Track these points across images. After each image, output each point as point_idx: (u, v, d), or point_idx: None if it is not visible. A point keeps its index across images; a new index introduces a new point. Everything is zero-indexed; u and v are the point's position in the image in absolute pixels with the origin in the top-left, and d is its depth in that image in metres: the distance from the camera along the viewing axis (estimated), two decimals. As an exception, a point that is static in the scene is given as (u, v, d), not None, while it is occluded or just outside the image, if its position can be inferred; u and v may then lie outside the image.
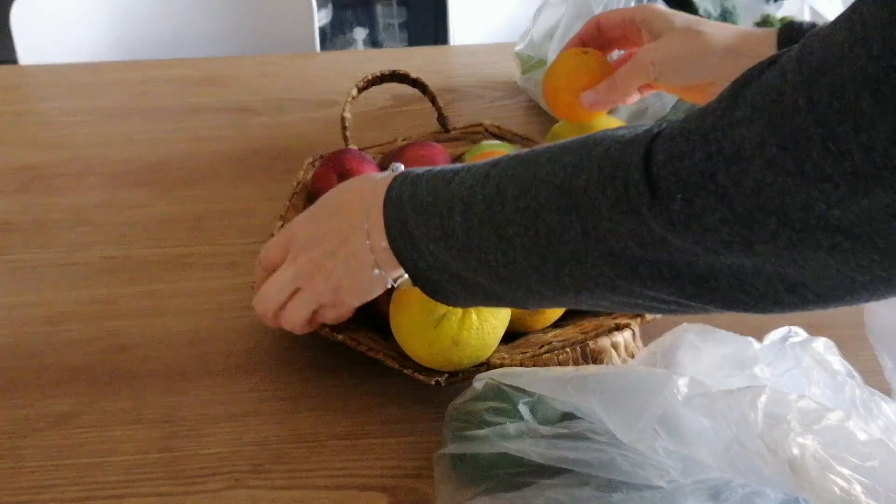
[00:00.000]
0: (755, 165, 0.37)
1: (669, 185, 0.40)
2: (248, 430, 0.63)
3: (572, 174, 0.44)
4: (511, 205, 0.47)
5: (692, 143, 0.39)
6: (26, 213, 0.87)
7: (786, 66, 0.37)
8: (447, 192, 0.50)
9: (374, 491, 0.59)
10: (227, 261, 0.79)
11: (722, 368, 0.56)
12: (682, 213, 0.39)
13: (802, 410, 0.48)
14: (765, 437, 0.47)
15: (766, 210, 0.37)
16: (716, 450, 0.49)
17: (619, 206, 0.42)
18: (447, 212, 0.49)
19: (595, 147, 0.44)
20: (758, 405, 0.48)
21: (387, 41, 2.27)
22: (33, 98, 1.12)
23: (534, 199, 0.45)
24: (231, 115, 1.03)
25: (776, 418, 0.48)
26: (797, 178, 0.36)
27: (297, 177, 0.82)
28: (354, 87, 0.87)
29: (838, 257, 0.37)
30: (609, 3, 0.86)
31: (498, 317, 0.62)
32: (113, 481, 0.59)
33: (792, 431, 0.47)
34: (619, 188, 0.42)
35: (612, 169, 0.42)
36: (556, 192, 0.44)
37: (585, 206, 0.43)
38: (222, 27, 1.36)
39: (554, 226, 0.45)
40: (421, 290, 0.53)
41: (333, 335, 0.65)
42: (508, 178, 0.48)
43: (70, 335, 0.72)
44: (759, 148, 0.37)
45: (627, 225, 0.42)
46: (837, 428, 0.48)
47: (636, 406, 0.50)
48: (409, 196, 0.51)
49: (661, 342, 0.59)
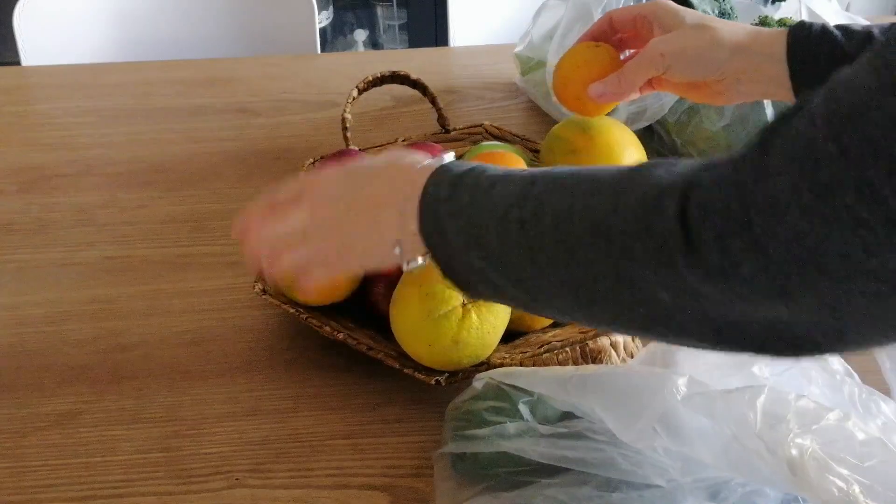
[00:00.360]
0: (791, 214, 0.37)
1: (705, 236, 0.40)
2: (248, 429, 0.63)
3: (609, 213, 0.44)
4: (547, 234, 0.46)
5: (727, 194, 0.39)
6: (28, 213, 0.87)
7: (814, 113, 0.37)
8: (485, 203, 0.49)
9: (375, 490, 0.59)
10: (228, 261, 0.79)
11: (721, 367, 0.56)
12: (717, 264, 0.39)
13: (801, 410, 0.49)
14: (764, 437, 0.47)
15: (803, 259, 0.37)
16: (715, 449, 0.49)
17: (655, 256, 0.42)
18: (483, 224, 0.48)
19: (633, 187, 0.44)
20: (757, 405, 0.49)
21: (387, 43, 2.27)
22: (36, 99, 1.12)
23: (569, 233, 0.45)
24: (232, 116, 1.03)
25: (775, 418, 0.48)
26: (833, 225, 0.36)
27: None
28: (355, 89, 0.87)
29: (879, 305, 0.37)
30: (608, 4, 0.86)
31: (498, 317, 0.62)
32: (114, 480, 0.60)
33: (791, 432, 0.47)
34: (655, 237, 0.41)
35: (647, 216, 0.42)
36: (591, 230, 0.44)
37: (620, 250, 0.43)
38: (224, 29, 1.36)
39: (588, 264, 0.44)
40: (451, 283, 0.52)
41: (334, 335, 0.65)
42: (545, 204, 0.47)
43: (71, 335, 0.72)
44: (793, 196, 0.37)
45: (662, 275, 0.41)
46: (836, 428, 0.48)
47: (635, 406, 0.51)
48: (445, 197, 0.50)
49: (660, 343, 0.59)
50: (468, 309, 0.60)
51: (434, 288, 0.60)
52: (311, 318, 0.67)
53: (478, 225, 0.49)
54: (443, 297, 0.60)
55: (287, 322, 0.72)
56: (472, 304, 0.61)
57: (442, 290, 0.60)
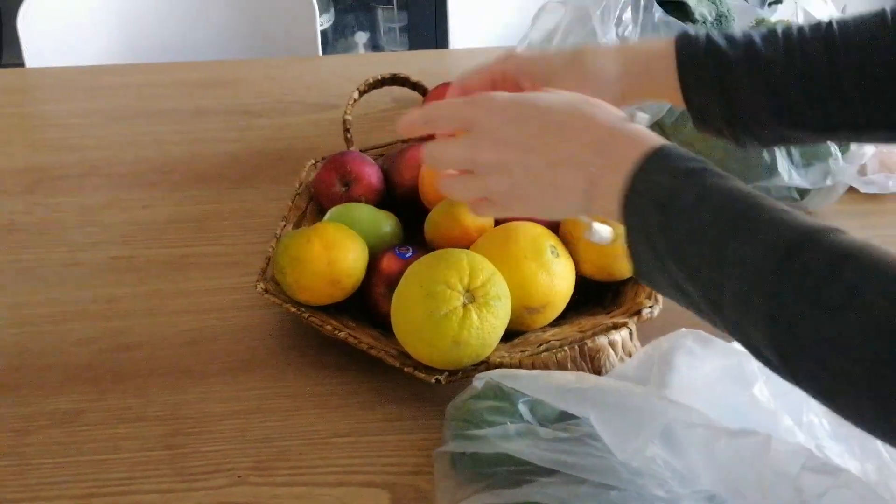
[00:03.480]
0: None
1: None
2: (250, 427, 0.64)
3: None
4: (736, 268, 0.42)
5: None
6: (32, 214, 0.87)
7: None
8: (692, 220, 0.44)
9: (376, 488, 0.59)
10: (230, 261, 0.80)
11: (721, 382, 0.55)
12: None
13: (809, 472, 0.46)
14: (770, 496, 0.46)
15: None
16: (717, 480, 0.48)
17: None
18: (685, 240, 0.44)
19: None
20: (765, 460, 0.46)
21: (388, 45, 2.27)
22: (40, 100, 1.13)
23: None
24: (234, 117, 1.04)
25: (783, 476, 0.46)
26: None
27: (300, 177, 0.83)
28: (356, 91, 0.87)
29: None
30: (607, 7, 0.87)
31: (498, 316, 0.62)
32: (117, 478, 0.60)
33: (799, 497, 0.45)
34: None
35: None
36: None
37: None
38: (226, 31, 1.37)
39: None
40: (634, 271, 0.49)
41: (335, 333, 0.66)
42: (744, 239, 0.42)
43: (75, 334, 0.72)
44: None
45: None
46: (845, 493, 0.46)
47: (632, 426, 0.50)
48: (663, 200, 0.45)
49: (658, 345, 0.59)
50: (469, 309, 0.61)
51: (435, 288, 0.61)
52: (313, 318, 0.67)
53: (681, 240, 0.44)
54: (444, 297, 0.61)
55: (289, 321, 0.72)
56: (473, 304, 0.61)
57: (443, 291, 0.61)
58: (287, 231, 0.76)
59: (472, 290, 0.61)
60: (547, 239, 0.68)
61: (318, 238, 0.68)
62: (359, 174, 0.79)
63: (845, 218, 0.86)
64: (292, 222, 0.78)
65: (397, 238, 0.75)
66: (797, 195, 0.84)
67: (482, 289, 0.61)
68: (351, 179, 0.79)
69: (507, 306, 0.63)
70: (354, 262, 0.68)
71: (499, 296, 0.62)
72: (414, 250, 0.70)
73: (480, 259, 0.63)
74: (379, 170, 0.81)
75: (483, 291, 0.61)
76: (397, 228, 0.76)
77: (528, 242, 0.67)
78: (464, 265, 0.62)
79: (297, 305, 0.68)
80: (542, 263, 0.66)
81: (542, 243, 0.67)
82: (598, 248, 0.67)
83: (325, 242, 0.67)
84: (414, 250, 0.70)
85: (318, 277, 0.67)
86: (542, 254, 0.66)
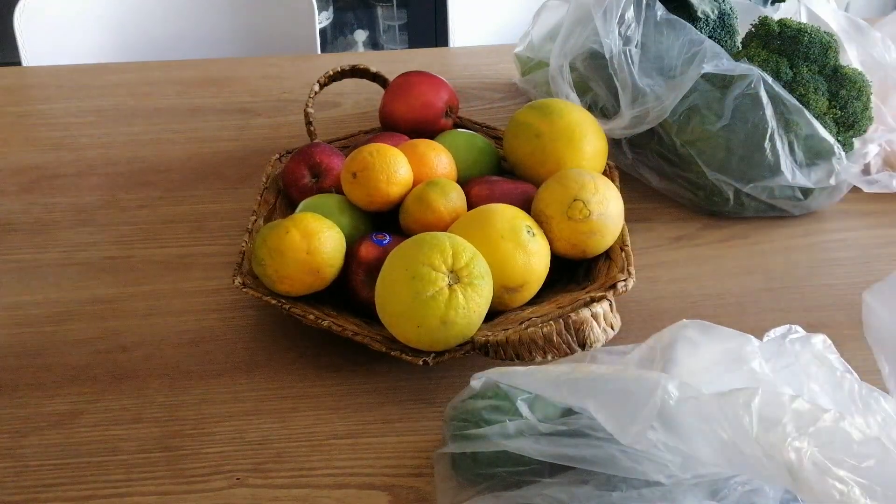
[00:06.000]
0: None
1: None
2: (249, 429, 0.63)
3: None
4: None
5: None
6: (29, 213, 0.87)
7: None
8: None
9: (375, 489, 0.59)
10: (228, 260, 0.80)
11: (720, 363, 0.56)
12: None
13: (797, 412, 0.49)
14: (760, 441, 0.47)
15: None
16: (713, 449, 0.49)
17: None
18: None
19: None
20: (752, 408, 0.48)
21: (387, 43, 2.27)
22: (36, 99, 1.12)
23: None
24: (232, 116, 1.04)
25: (771, 421, 0.48)
26: None
27: (266, 171, 0.83)
28: (316, 83, 0.89)
29: None
30: (608, 5, 0.86)
31: (482, 295, 0.63)
32: (115, 480, 0.60)
33: (788, 436, 0.47)
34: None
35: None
36: None
37: None
38: (224, 29, 1.36)
39: None
40: None
41: (318, 322, 0.65)
42: None
43: (72, 335, 0.72)
44: None
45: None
46: (833, 429, 0.48)
47: (630, 409, 0.50)
48: None
49: (661, 337, 0.59)
50: (454, 289, 0.61)
51: (420, 270, 0.61)
52: (294, 309, 0.67)
53: None
54: (430, 278, 0.61)
55: (287, 322, 0.72)
56: (458, 284, 0.61)
57: (428, 272, 0.61)
58: (258, 225, 0.76)
59: (455, 270, 0.62)
60: (522, 219, 0.69)
61: (296, 228, 0.68)
62: (328, 165, 0.79)
63: (849, 218, 0.86)
64: (262, 216, 0.78)
65: (369, 227, 0.75)
66: (800, 195, 0.84)
67: (466, 269, 0.62)
68: (320, 171, 0.79)
69: (489, 285, 0.64)
70: (334, 251, 0.68)
71: (482, 275, 0.63)
72: (391, 237, 0.70)
73: (461, 241, 0.64)
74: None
75: (467, 272, 0.62)
76: (368, 217, 0.76)
77: (504, 223, 0.67)
78: (446, 247, 0.62)
79: (277, 297, 0.68)
80: (518, 243, 0.67)
81: (518, 223, 0.68)
82: (571, 225, 0.69)
83: (303, 232, 0.67)
84: (391, 237, 0.70)
85: (299, 267, 0.67)
86: (519, 234, 0.67)
